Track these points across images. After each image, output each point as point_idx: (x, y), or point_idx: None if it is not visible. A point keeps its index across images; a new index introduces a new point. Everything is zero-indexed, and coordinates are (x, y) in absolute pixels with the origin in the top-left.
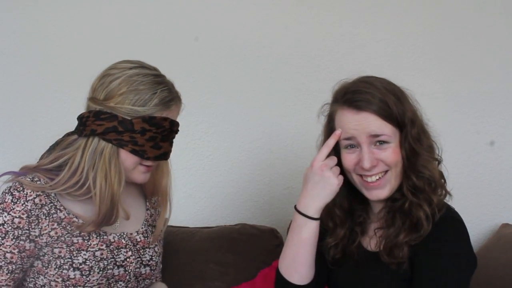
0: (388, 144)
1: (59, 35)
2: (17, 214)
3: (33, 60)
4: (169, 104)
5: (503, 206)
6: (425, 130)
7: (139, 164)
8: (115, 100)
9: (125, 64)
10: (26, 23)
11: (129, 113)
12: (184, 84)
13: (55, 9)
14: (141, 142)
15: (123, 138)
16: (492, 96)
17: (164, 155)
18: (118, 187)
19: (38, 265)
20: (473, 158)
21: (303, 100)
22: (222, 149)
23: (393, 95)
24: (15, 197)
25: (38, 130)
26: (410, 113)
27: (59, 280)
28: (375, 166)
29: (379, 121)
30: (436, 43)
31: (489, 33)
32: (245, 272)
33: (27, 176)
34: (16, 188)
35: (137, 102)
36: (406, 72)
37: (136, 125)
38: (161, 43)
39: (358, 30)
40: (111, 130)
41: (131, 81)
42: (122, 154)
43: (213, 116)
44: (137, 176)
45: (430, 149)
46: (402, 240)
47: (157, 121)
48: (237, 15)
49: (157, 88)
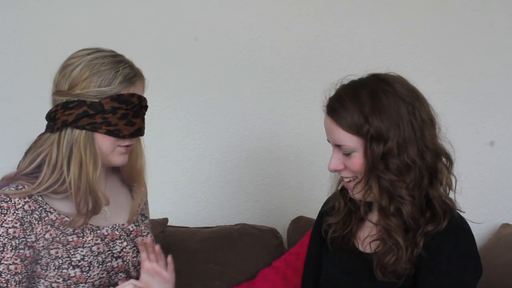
0: (354, 152)
1: (59, 35)
2: (10, 225)
3: (33, 60)
4: (133, 80)
5: (503, 206)
6: (403, 147)
7: (117, 146)
8: (80, 86)
9: (81, 52)
10: (26, 23)
11: (97, 95)
12: (184, 84)
13: (55, 9)
14: (114, 121)
15: (96, 121)
16: (492, 96)
17: (139, 131)
18: (94, 172)
19: (37, 270)
20: (473, 158)
21: (303, 100)
22: (222, 149)
23: (370, 106)
24: (3, 208)
25: (38, 130)
26: (384, 126)
27: (60, 280)
28: (341, 170)
29: (340, 132)
30: (436, 43)
31: (489, 33)
32: (245, 272)
33: (11, 186)
34: (3, 199)
35: (102, 83)
36: (406, 72)
37: (106, 105)
38: (161, 43)
39: (358, 30)
40: (82, 116)
41: (92, 65)
42: (98, 139)
43: (213, 116)
44: (116, 158)
45: (400, 171)
46: (397, 264)
47: (125, 98)
48: (237, 15)
49: (119, 66)
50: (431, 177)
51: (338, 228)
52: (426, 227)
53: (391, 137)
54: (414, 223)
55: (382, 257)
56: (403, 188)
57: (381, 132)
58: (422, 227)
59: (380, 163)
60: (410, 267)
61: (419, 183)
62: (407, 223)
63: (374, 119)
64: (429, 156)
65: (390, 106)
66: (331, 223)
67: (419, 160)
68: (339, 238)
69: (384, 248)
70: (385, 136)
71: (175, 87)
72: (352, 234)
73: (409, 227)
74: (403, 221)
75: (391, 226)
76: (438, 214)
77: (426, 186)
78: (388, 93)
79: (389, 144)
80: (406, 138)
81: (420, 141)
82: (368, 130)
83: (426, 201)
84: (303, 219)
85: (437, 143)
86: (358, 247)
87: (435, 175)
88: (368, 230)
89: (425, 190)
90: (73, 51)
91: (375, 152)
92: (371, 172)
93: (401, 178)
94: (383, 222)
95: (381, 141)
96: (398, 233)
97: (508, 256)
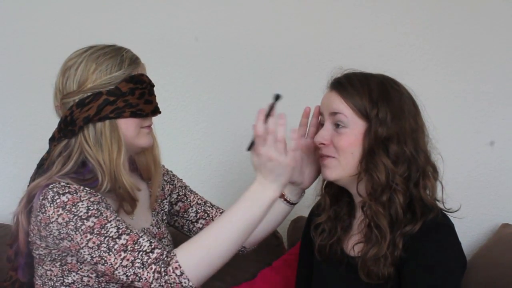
0: (344, 128)
1: (59, 35)
2: (87, 196)
3: (33, 60)
4: (138, 61)
5: (503, 206)
6: (402, 138)
7: (140, 127)
8: (90, 80)
9: (77, 52)
10: (26, 23)
11: (111, 82)
12: (184, 84)
13: (55, 9)
14: (134, 102)
15: (118, 105)
16: (492, 96)
17: (157, 108)
18: (118, 157)
19: (72, 262)
20: (473, 158)
21: (303, 100)
22: (222, 149)
23: (379, 93)
24: (71, 189)
25: (38, 130)
26: (389, 115)
27: (93, 276)
28: (326, 145)
29: (342, 103)
30: (436, 43)
31: (489, 33)
32: (245, 272)
33: (61, 181)
34: (62, 186)
35: (112, 69)
36: (406, 72)
37: (123, 88)
38: (161, 43)
39: (358, 30)
40: (104, 105)
41: (95, 57)
42: (122, 125)
43: (213, 116)
44: (143, 140)
45: (397, 159)
46: (382, 265)
47: (138, 78)
48: (237, 15)
49: (121, 51)
50: (418, 178)
51: (325, 237)
52: (405, 228)
53: (393, 126)
54: (400, 216)
55: (365, 256)
56: (398, 174)
57: (386, 118)
58: (401, 228)
59: (380, 147)
60: (392, 269)
61: (408, 179)
62: (393, 216)
63: (382, 105)
64: (422, 156)
65: (395, 99)
66: (319, 223)
67: (415, 155)
68: (326, 247)
69: (367, 247)
70: (389, 124)
71: (175, 87)
72: (338, 244)
73: (394, 222)
74: (390, 214)
75: (379, 212)
76: (416, 216)
77: (412, 186)
78: (395, 89)
79: (391, 131)
80: (406, 132)
81: (415, 140)
82: (377, 114)
83: (408, 202)
84: (303, 219)
85: (428, 150)
86: (345, 253)
87: (422, 177)
88: (353, 235)
89: (410, 190)
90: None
91: (378, 133)
92: (370, 155)
93: (397, 167)
94: (373, 207)
95: (384, 126)
96: (384, 221)
97: (508, 256)
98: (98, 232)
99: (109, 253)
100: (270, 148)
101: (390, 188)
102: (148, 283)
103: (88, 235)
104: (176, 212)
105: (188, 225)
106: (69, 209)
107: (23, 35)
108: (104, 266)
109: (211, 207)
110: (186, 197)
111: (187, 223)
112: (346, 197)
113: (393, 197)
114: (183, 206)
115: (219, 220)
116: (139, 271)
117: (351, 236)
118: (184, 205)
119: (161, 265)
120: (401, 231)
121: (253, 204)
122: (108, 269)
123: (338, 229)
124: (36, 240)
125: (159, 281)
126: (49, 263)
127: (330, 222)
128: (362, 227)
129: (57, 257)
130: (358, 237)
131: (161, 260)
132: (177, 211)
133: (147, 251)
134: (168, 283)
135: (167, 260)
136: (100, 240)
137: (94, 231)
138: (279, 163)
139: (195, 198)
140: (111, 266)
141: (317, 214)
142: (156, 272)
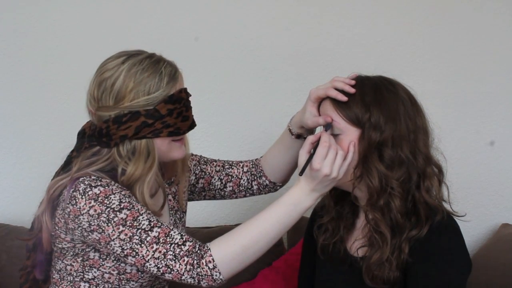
0: (340, 135)
1: (59, 35)
2: (118, 190)
3: (33, 60)
4: (176, 76)
5: (503, 206)
6: (397, 142)
7: (171, 141)
8: (128, 98)
9: (113, 62)
10: (26, 23)
11: (149, 103)
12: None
13: (55, 9)
14: (172, 122)
15: (156, 127)
16: (492, 96)
17: (193, 123)
18: (148, 173)
19: (94, 257)
20: (473, 158)
21: (303, 100)
22: (222, 149)
23: (372, 97)
24: (102, 182)
25: (38, 130)
26: (382, 119)
27: (115, 272)
28: None
29: (334, 112)
30: (436, 43)
31: (489, 33)
32: (245, 272)
33: (92, 175)
34: (94, 179)
35: (150, 89)
36: (406, 72)
37: (161, 110)
38: (161, 43)
39: (358, 30)
40: (142, 127)
41: (133, 74)
42: (157, 142)
43: (213, 116)
44: (176, 153)
45: (392, 163)
46: (387, 270)
47: (176, 96)
48: (237, 15)
49: (159, 67)
50: (419, 180)
51: (328, 236)
52: (411, 232)
53: (387, 130)
54: (400, 221)
55: (369, 260)
56: (394, 179)
57: (379, 122)
58: (407, 232)
59: (374, 153)
60: (398, 273)
61: (407, 182)
62: (393, 221)
63: (374, 109)
64: (421, 158)
65: (390, 101)
66: (322, 223)
67: (411, 159)
68: (329, 246)
69: (371, 252)
70: (383, 128)
71: None
72: (341, 243)
73: (395, 226)
74: (390, 218)
75: (378, 218)
76: (421, 219)
77: (413, 189)
78: (390, 91)
79: (385, 135)
80: (401, 135)
81: (413, 142)
82: (369, 118)
83: (412, 205)
84: (303, 219)
85: (429, 151)
86: (348, 253)
87: (423, 179)
88: (357, 236)
89: (412, 193)
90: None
91: (371, 138)
92: (364, 161)
93: (392, 171)
94: (371, 214)
95: (378, 131)
96: (386, 227)
97: (508, 256)
98: (131, 224)
99: (141, 245)
100: (330, 165)
101: (385, 193)
102: (179, 274)
103: (120, 227)
104: (202, 188)
105: (218, 193)
106: (101, 201)
107: (23, 35)
108: (135, 258)
109: (230, 167)
110: (203, 172)
111: (217, 192)
112: (349, 197)
113: (389, 203)
114: (205, 181)
115: (257, 220)
116: (171, 263)
117: (354, 237)
118: (206, 180)
119: (194, 258)
120: (407, 235)
121: (294, 209)
122: (138, 261)
123: (341, 228)
124: (61, 234)
125: (191, 273)
126: (70, 257)
127: (333, 222)
128: (366, 231)
129: (80, 251)
130: (362, 241)
131: (193, 252)
132: (201, 187)
133: (179, 244)
134: (200, 275)
135: (200, 253)
136: (132, 232)
137: (127, 223)
138: (333, 178)
139: (212, 167)
140: (142, 258)
141: (320, 216)
142: (189, 264)
